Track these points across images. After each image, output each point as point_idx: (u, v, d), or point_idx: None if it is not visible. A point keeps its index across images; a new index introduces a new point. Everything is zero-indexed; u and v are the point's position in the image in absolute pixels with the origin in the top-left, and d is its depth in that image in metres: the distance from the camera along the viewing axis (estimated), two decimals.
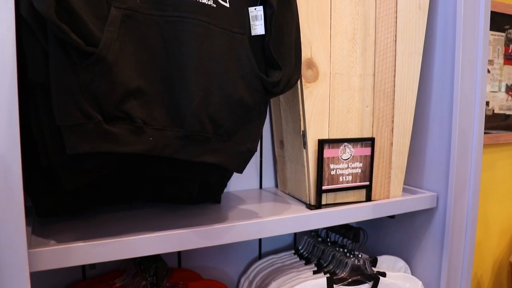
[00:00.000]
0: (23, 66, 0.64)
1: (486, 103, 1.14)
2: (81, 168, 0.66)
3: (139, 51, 0.66)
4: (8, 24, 0.57)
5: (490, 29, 1.03)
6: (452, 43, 1.02)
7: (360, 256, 1.03)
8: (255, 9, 0.76)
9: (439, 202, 1.08)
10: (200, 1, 0.69)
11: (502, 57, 1.82)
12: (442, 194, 1.07)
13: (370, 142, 0.97)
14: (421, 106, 1.11)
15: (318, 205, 0.94)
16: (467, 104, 1.03)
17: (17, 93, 0.58)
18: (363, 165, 0.97)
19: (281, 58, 0.77)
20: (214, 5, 0.71)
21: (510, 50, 1.84)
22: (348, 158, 0.95)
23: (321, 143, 0.92)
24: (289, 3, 0.80)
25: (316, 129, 0.92)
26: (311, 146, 0.92)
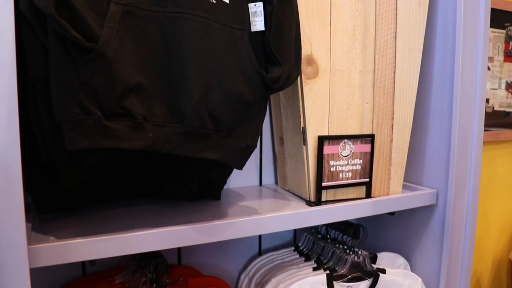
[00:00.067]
0: (22, 62, 0.64)
1: (486, 100, 1.14)
2: (81, 164, 0.66)
3: (138, 47, 0.66)
4: (7, 20, 0.56)
5: (490, 26, 1.03)
6: (452, 40, 1.02)
7: (360, 252, 1.03)
8: (255, 5, 0.76)
9: (439, 199, 1.08)
10: None
11: (502, 54, 1.82)
12: (442, 191, 1.07)
13: (370, 138, 0.97)
14: (421, 103, 1.11)
15: (318, 202, 0.94)
16: (467, 101, 1.03)
17: (17, 89, 0.58)
18: (363, 162, 0.97)
19: (281, 54, 0.77)
20: (214, 1, 0.70)
21: (510, 47, 1.84)
22: (348, 155, 0.95)
23: (321, 140, 0.92)
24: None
25: (316, 125, 0.92)
26: (311, 143, 0.92)
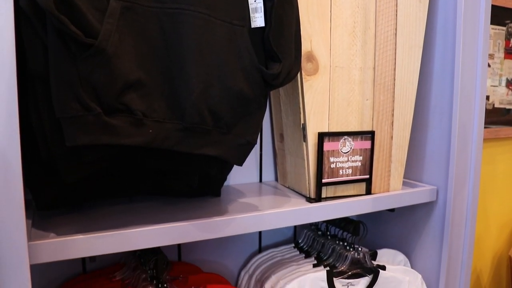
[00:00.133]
0: (22, 58, 0.64)
1: (486, 97, 1.14)
2: (80, 160, 0.66)
3: (138, 43, 0.66)
4: (7, 16, 0.56)
5: (490, 23, 1.03)
6: (452, 37, 1.02)
7: (360, 249, 1.03)
8: (255, 1, 0.76)
9: (439, 196, 1.08)
10: None
11: (502, 51, 1.82)
12: (442, 188, 1.07)
13: (370, 135, 0.97)
14: (421, 99, 1.11)
15: (318, 198, 0.94)
16: (467, 98, 1.03)
17: (17, 85, 0.58)
18: (363, 159, 0.97)
19: (281, 50, 0.77)
20: None
21: (511, 44, 1.84)
22: (348, 151, 0.95)
23: (321, 136, 0.92)
24: None
25: (316, 122, 0.92)
26: (311, 139, 0.92)
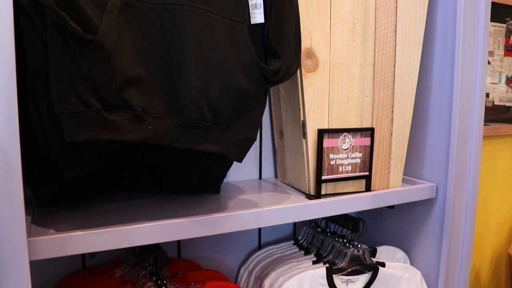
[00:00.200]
0: (22, 54, 0.64)
1: (486, 95, 1.14)
2: (80, 156, 0.66)
3: (138, 39, 0.66)
4: (6, 12, 0.56)
5: (490, 20, 1.03)
6: (452, 34, 1.02)
7: (359, 246, 1.03)
8: None
9: (439, 193, 1.08)
10: None
11: (502, 49, 1.82)
12: (441, 185, 1.07)
13: (369, 132, 0.97)
14: (421, 96, 1.11)
15: (317, 195, 0.94)
16: (467, 95, 1.03)
17: (16, 81, 0.57)
18: (362, 155, 0.97)
19: (281, 47, 0.77)
20: None
21: (511, 41, 1.84)
22: (347, 148, 0.95)
23: (321, 133, 0.92)
24: None
25: (316, 119, 0.92)
26: (311, 136, 0.92)
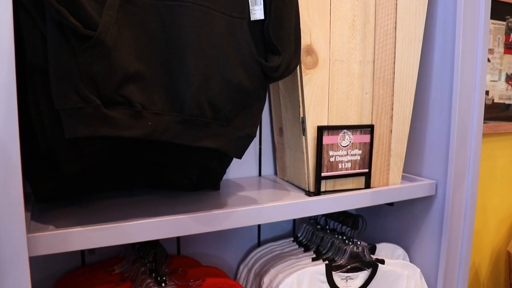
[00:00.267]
0: (21, 50, 0.64)
1: (486, 92, 1.14)
2: (80, 152, 0.66)
3: (138, 35, 0.66)
4: (6, 8, 0.56)
5: (490, 18, 1.03)
6: (452, 31, 1.02)
7: (359, 243, 1.03)
8: None
9: (438, 190, 1.08)
10: None
11: (502, 46, 1.81)
12: (441, 182, 1.07)
13: (369, 129, 0.97)
14: (420, 93, 1.11)
15: (317, 192, 0.94)
16: (467, 92, 1.02)
17: (15, 77, 0.57)
18: (362, 152, 0.97)
19: (281, 43, 0.77)
20: None
21: (511, 39, 1.83)
22: (347, 145, 0.95)
23: (320, 130, 0.92)
24: None
25: (316, 115, 0.92)
26: (310, 133, 0.92)
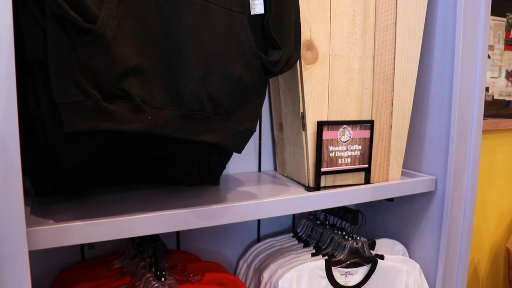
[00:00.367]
0: (20, 44, 0.64)
1: (486, 89, 1.14)
2: (80, 146, 0.66)
3: (138, 29, 0.66)
4: (5, 2, 0.56)
5: (491, 14, 1.03)
6: (452, 28, 1.02)
7: (358, 239, 1.03)
8: None
9: (438, 186, 1.08)
10: None
11: (502, 43, 1.81)
12: (441, 178, 1.07)
13: (369, 124, 0.97)
14: (420, 89, 1.11)
15: (317, 187, 0.94)
16: (467, 88, 1.02)
17: (15, 70, 0.57)
18: (362, 148, 0.97)
19: (281, 38, 0.77)
20: None
21: (511, 35, 1.83)
22: (347, 141, 0.95)
23: (320, 125, 0.91)
24: None
25: (315, 111, 0.92)
26: (310, 128, 0.92)
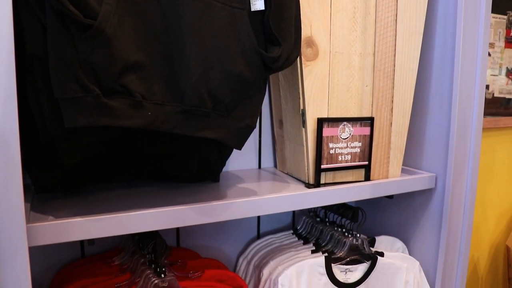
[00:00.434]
0: (21, 39, 0.64)
1: (486, 87, 1.14)
2: (80, 142, 0.66)
3: (138, 25, 0.66)
4: None
5: (491, 12, 1.02)
6: (453, 25, 1.01)
7: (358, 236, 1.03)
8: None
9: (438, 183, 1.08)
10: None
11: (503, 40, 1.81)
12: (441, 175, 1.07)
13: (369, 121, 0.97)
14: (421, 86, 1.11)
15: (316, 184, 0.94)
16: (467, 86, 1.02)
17: (15, 66, 0.57)
18: (362, 145, 0.97)
19: (281, 34, 0.77)
20: None
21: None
22: (347, 138, 0.95)
23: (320, 122, 0.91)
24: None
25: (316, 108, 0.92)
26: (310, 125, 0.92)
